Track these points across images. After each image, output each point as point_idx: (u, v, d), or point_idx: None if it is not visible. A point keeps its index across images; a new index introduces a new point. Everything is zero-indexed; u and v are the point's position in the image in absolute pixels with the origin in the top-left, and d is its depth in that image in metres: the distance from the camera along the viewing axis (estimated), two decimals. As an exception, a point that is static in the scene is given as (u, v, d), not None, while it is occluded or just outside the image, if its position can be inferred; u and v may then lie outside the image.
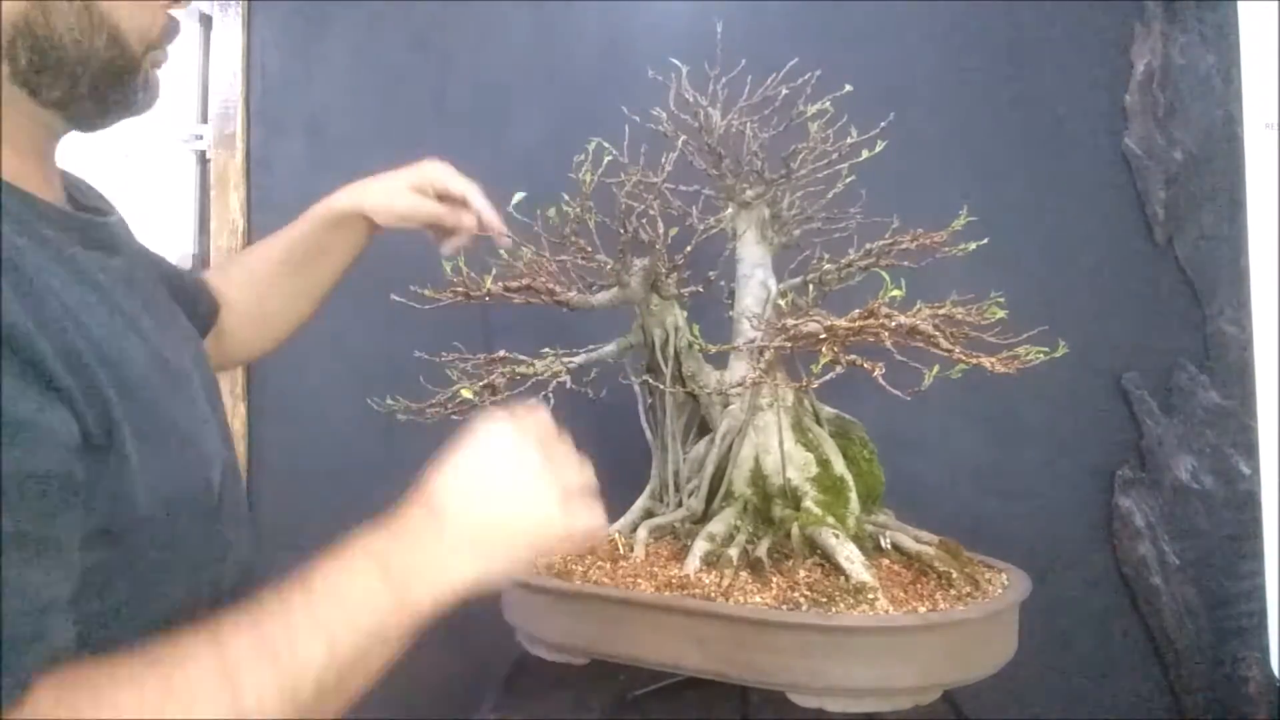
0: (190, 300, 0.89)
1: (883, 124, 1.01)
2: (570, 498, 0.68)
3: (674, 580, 0.90)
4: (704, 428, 1.09)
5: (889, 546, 0.96)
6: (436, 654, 1.49)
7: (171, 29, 0.69)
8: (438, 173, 1.01)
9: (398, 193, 1.00)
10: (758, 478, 1.01)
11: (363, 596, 0.59)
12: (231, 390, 1.52)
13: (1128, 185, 1.42)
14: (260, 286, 1.01)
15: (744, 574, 0.90)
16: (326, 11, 1.55)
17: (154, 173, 1.57)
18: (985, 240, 1.03)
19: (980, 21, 1.45)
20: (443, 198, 1.00)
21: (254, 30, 1.56)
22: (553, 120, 1.49)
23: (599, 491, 0.71)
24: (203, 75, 1.57)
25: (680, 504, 1.05)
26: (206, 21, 1.57)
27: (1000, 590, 0.91)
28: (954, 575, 0.90)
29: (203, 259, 1.56)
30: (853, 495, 1.00)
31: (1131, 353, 1.40)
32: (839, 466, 1.02)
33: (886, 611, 0.83)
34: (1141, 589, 1.40)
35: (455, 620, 0.65)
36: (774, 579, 0.89)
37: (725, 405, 1.04)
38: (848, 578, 0.87)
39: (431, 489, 0.65)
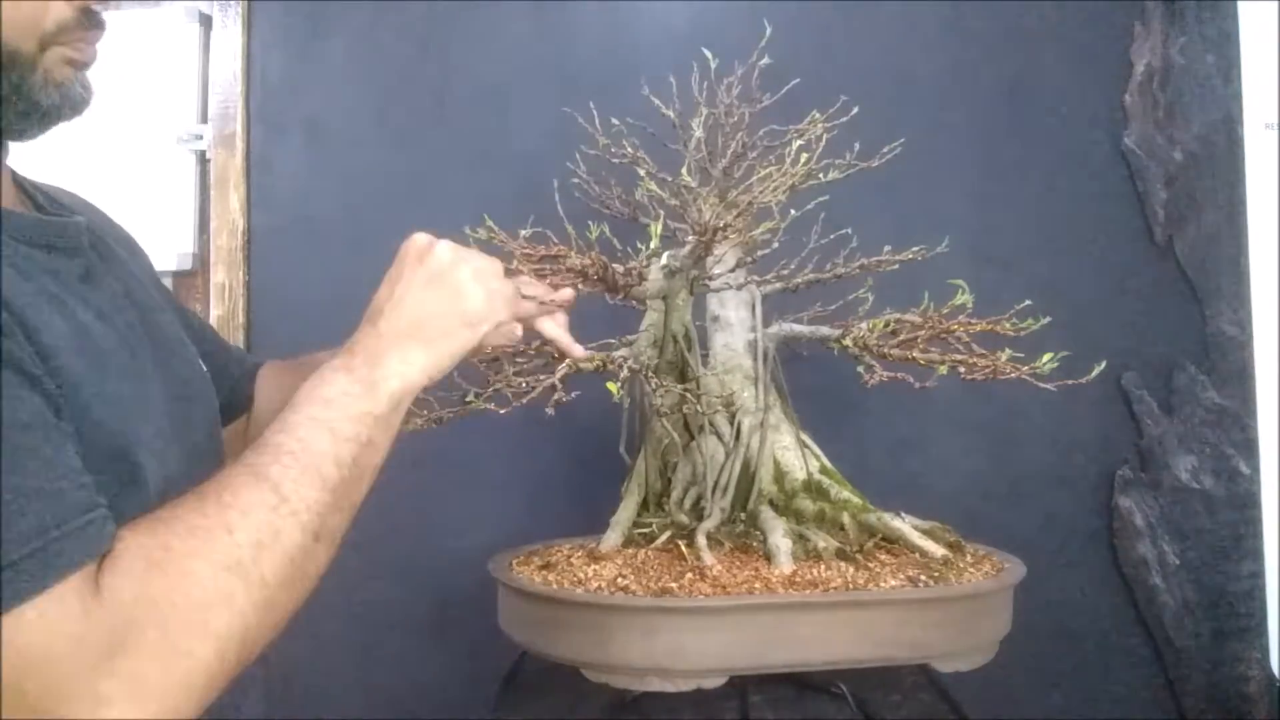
0: (217, 371, 0.87)
1: (887, 151, 1.00)
2: (484, 276, 0.77)
3: (796, 579, 0.87)
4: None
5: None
6: (436, 654, 1.49)
7: (80, 23, 0.64)
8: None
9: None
10: (779, 475, 1.01)
11: (341, 393, 0.69)
12: (231, 390, 1.53)
13: (1128, 185, 1.42)
14: None
15: (841, 564, 0.90)
16: (326, 11, 1.55)
17: (154, 173, 1.57)
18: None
19: (980, 21, 1.45)
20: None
21: (254, 30, 1.56)
22: (553, 120, 1.49)
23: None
24: (203, 75, 1.57)
25: (674, 510, 1.03)
26: (206, 21, 1.57)
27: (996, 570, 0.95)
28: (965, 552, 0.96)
29: (202, 259, 1.56)
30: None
31: (1131, 353, 1.40)
32: (827, 462, 1.03)
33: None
34: (1141, 589, 1.40)
35: (455, 620, 0.65)
36: (869, 564, 0.90)
37: (729, 408, 1.03)
38: (924, 553, 0.92)
39: (371, 308, 0.76)
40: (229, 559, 0.57)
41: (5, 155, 0.68)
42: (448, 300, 0.75)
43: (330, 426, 0.66)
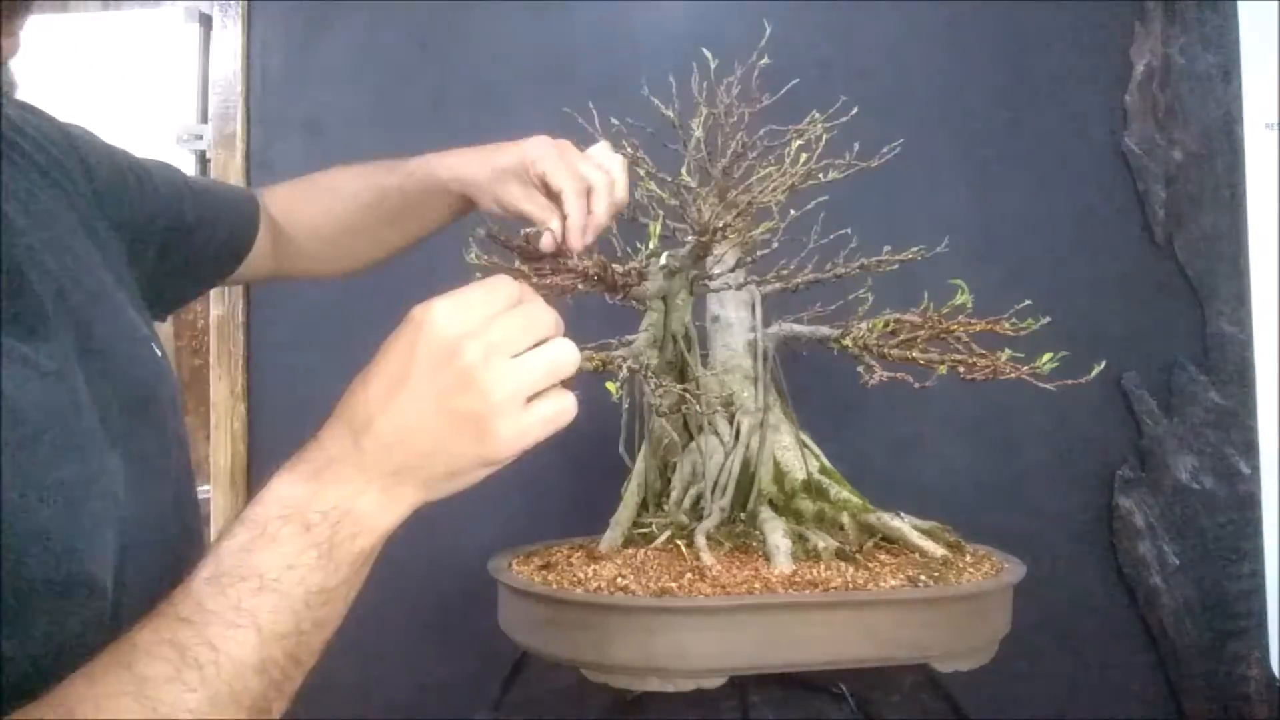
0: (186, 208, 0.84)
1: (887, 151, 1.00)
2: (521, 395, 0.55)
3: (796, 579, 0.87)
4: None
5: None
6: (436, 654, 1.49)
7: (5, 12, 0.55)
8: (544, 161, 0.87)
9: (505, 181, 0.90)
10: (778, 475, 1.01)
11: (286, 566, 0.50)
12: (232, 390, 1.53)
13: (1128, 185, 1.42)
14: (347, 219, 0.98)
15: (840, 564, 0.89)
16: (326, 11, 1.55)
17: (154, 173, 1.57)
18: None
19: (980, 21, 1.45)
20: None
21: (254, 30, 1.56)
22: (553, 120, 1.49)
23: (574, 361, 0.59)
24: (203, 75, 1.57)
25: (673, 510, 1.03)
26: (206, 21, 1.57)
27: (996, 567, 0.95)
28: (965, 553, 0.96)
29: (203, 259, 1.56)
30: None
31: (1131, 353, 1.40)
32: (827, 462, 1.03)
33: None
34: (1141, 589, 1.40)
35: (455, 620, 0.64)
36: (869, 564, 0.90)
37: (729, 407, 1.04)
38: (924, 553, 0.92)
39: (353, 403, 0.54)
40: None
41: None
42: (471, 435, 0.54)
43: (258, 622, 0.49)
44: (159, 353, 0.70)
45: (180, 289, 0.89)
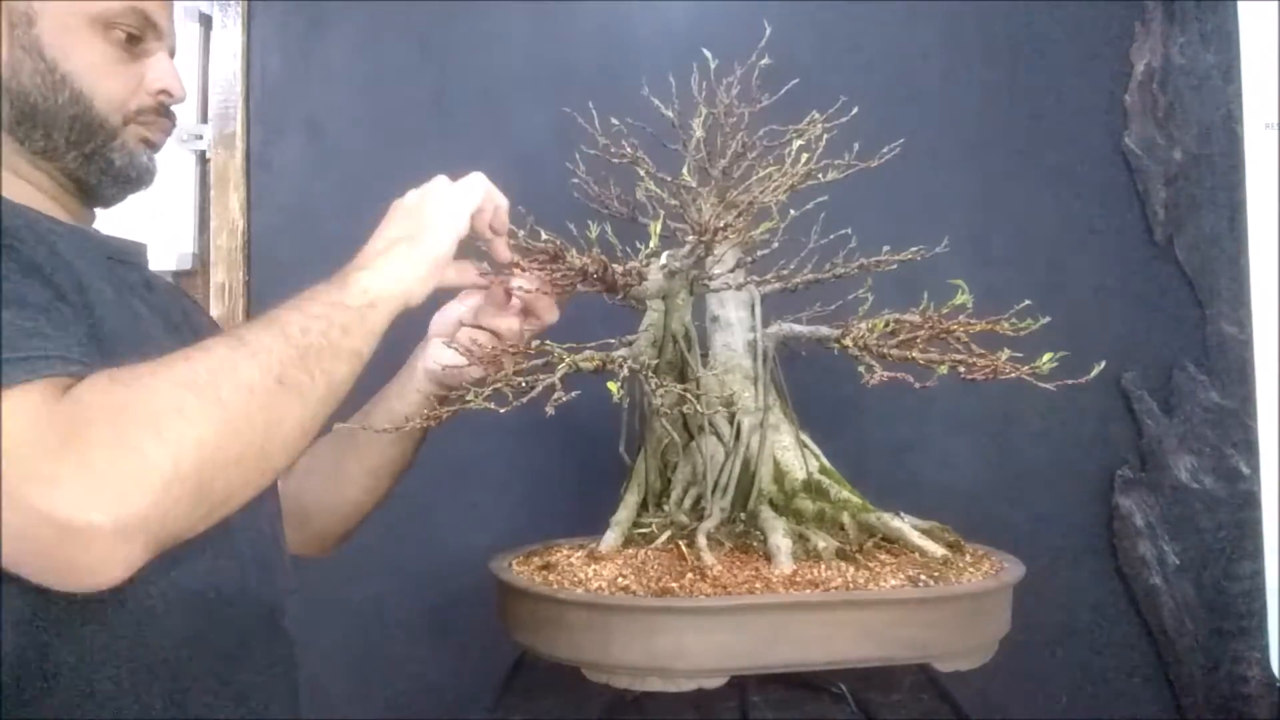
0: None
1: (887, 151, 1.00)
2: (439, 196, 0.85)
3: (797, 579, 0.86)
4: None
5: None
6: (436, 654, 1.49)
7: (156, 110, 0.83)
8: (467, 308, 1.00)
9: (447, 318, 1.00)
10: (779, 475, 1.01)
11: (313, 291, 0.75)
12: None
13: (1128, 185, 1.42)
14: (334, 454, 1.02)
15: (840, 563, 0.89)
16: (326, 11, 1.55)
17: (154, 173, 1.57)
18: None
19: (980, 21, 1.45)
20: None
21: (254, 30, 1.56)
22: (553, 120, 1.49)
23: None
24: (203, 75, 1.57)
25: (674, 510, 1.03)
26: (206, 21, 1.57)
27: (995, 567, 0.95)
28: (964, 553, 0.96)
29: (202, 259, 1.56)
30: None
31: (1131, 353, 1.40)
32: (827, 462, 1.03)
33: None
34: (1141, 589, 1.40)
35: (455, 620, 0.65)
36: (869, 564, 0.89)
37: (729, 407, 1.03)
38: (923, 553, 0.91)
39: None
40: (183, 378, 0.62)
41: (92, 220, 0.86)
42: (412, 218, 0.83)
43: (299, 307, 0.72)
44: None
45: None
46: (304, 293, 0.74)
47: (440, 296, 0.97)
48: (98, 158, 0.80)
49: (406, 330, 0.88)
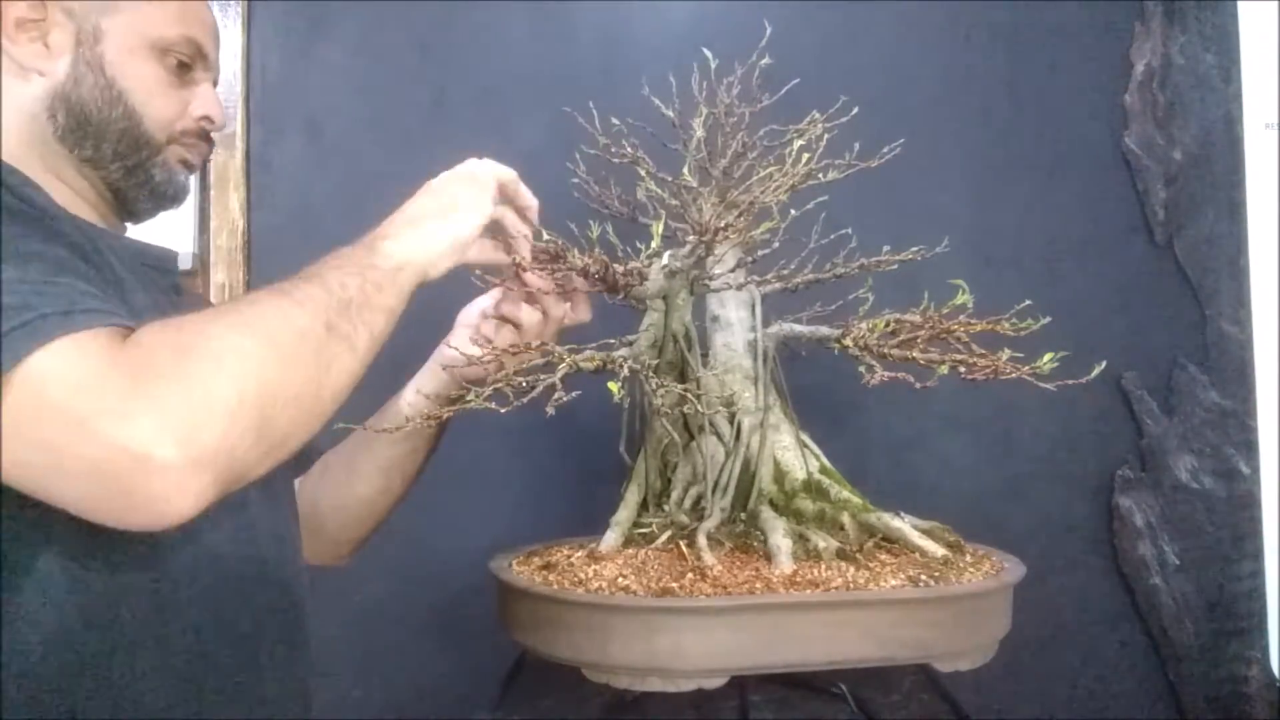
0: None
1: (887, 151, 1.00)
2: (467, 178, 0.90)
3: (797, 579, 0.86)
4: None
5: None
6: (437, 654, 1.49)
7: (198, 133, 0.90)
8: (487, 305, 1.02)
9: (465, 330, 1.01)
10: (779, 475, 1.01)
11: (343, 255, 0.77)
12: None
13: (1128, 185, 1.42)
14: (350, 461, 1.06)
15: (841, 563, 0.89)
16: (326, 11, 1.54)
17: (154, 173, 1.57)
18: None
19: (980, 21, 1.45)
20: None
21: (254, 30, 1.55)
22: (553, 120, 1.49)
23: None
24: (203, 75, 1.57)
25: (674, 510, 1.03)
26: (206, 21, 1.57)
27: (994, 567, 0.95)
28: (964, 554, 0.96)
29: (202, 259, 1.56)
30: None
31: (1131, 353, 1.40)
32: (827, 462, 1.03)
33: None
34: (1141, 589, 1.40)
35: (455, 620, 0.65)
36: (869, 564, 0.89)
37: (729, 407, 1.03)
38: (924, 553, 0.91)
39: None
40: (239, 322, 0.66)
41: (124, 233, 0.91)
42: (442, 197, 0.87)
43: (334, 265, 0.75)
44: None
45: None
46: (329, 256, 0.77)
47: (471, 291, 1.00)
48: (139, 171, 0.85)
49: (431, 319, 0.89)
